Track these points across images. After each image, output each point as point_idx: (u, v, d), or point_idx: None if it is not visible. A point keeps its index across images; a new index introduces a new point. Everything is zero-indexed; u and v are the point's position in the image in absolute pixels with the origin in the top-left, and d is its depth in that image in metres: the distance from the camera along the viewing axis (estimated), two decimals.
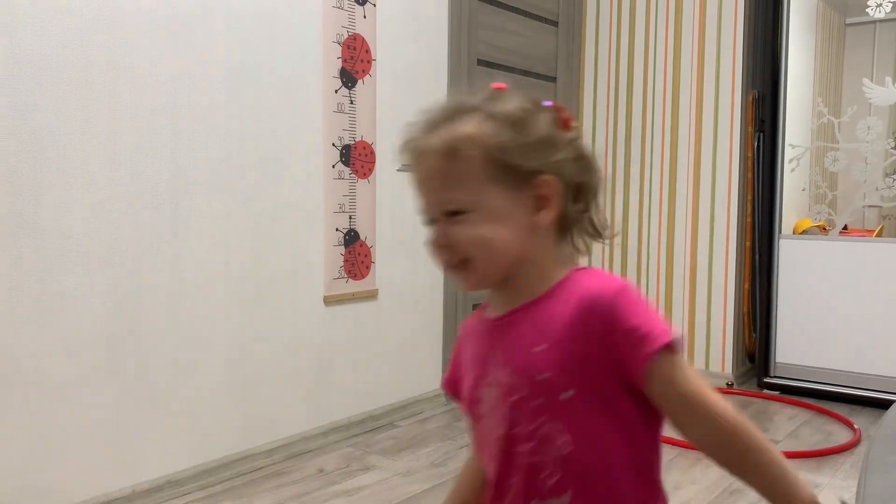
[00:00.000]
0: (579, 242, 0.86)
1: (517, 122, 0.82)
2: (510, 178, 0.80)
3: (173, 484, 2.05)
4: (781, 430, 2.73)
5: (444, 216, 0.84)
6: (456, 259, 0.83)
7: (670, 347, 0.77)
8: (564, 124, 0.89)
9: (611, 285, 0.79)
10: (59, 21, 1.76)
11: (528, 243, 0.81)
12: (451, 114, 0.82)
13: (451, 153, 0.79)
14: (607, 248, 3.63)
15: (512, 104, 0.84)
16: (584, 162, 0.89)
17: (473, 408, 0.86)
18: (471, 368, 0.87)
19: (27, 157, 1.73)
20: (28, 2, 1.71)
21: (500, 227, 0.80)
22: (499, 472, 0.82)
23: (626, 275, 3.59)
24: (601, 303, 0.77)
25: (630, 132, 3.56)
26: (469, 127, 0.80)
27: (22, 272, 1.73)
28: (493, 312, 0.86)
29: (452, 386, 0.94)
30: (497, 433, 0.81)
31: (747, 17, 3.27)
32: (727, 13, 3.28)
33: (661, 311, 3.49)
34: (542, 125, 0.85)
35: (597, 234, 0.86)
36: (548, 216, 0.82)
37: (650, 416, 0.88)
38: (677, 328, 0.91)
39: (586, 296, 0.78)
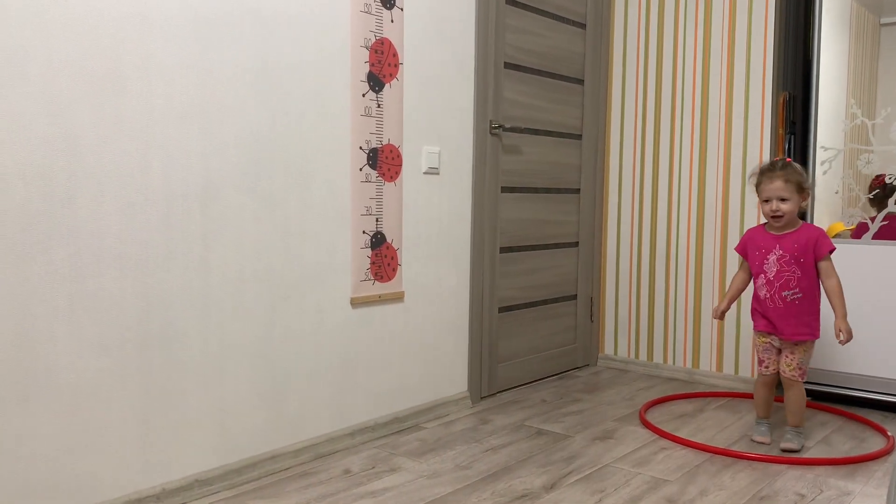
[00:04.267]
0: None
1: (802, 173, 2.48)
2: (800, 190, 2.45)
3: (202, 483, 2.08)
4: (813, 436, 2.69)
5: (778, 199, 2.44)
6: (779, 214, 2.44)
7: (832, 253, 2.45)
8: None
9: (818, 231, 2.48)
10: (92, 25, 1.80)
11: (796, 212, 2.47)
12: (781, 167, 2.48)
13: (785, 180, 2.45)
14: (636, 251, 3.61)
15: (799, 167, 2.47)
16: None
17: (762, 260, 2.51)
18: (759, 248, 2.51)
19: (61, 159, 1.77)
20: (60, 7, 1.75)
21: (794, 206, 2.45)
22: (772, 280, 2.49)
23: (654, 279, 3.57)
24: (816, 236, 2.46)
25: (658, 134, 3.53)
26: (794, 177, 2.46)
27: (56, 272, 1.76)
28: (776, 230, 2.50)
29: (743, 251, 2.59)
30: (774, 269, 2.49)
31: (778, 18, 3.23)
32: (757, 13, 3.24)
33: (691, 315, 3.46)
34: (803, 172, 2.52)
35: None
36: (805, 201, 2.50)
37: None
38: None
39: (810, 233, 2.47)
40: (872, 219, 3.12)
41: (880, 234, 3.14)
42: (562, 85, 3.44)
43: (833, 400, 3.10)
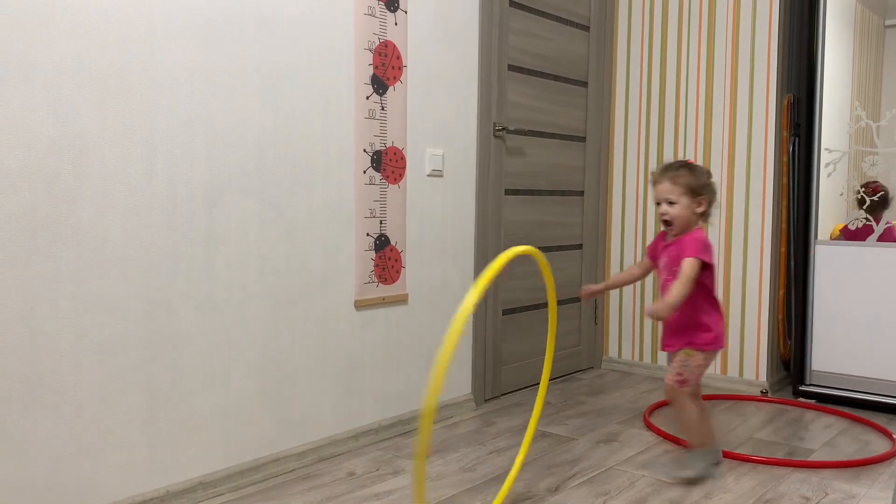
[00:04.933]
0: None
1: (699, 175, 2.24)
2: (693, 195, 2.20)
3: (206, 485, 2.08)
4: (818, 439, 2.68)
5: (666, 203, 2.22)
6: (667, 218, 2.22)
7: (699, 257, 2.14)
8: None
9: (695, 235, 2.20)
10: (97, 29, 1.81)
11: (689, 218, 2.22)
12: (673, 168, 2.24)
13: (673, 182, 2.22)
14: (640, 254, 3.60)
15: (699, 168, 2.27)
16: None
17: (657, 263, 2.30)
18: (659, 251, 2.29)
19: (67, 162, 1.77)
20: (66, 12, 1.75)
21: (686, 211, 2.21)
22: (663, 284, 2.24)
23: (658, 281, 3.56)
24: (692, 239, 2.19)
25: (662, 137, 3.53)
26: (683, 179, 2.21)
27: (61, 274, 1.77)
28: (668, 233, 2.27)
29: (651, 254, 2.36)
30: (664, 273, 2.25)
31: (782, 20, 3.23)
32: (761, 16, 3.24)
33: None
34: (704, 175, 2.27)
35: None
36: (700, 209, 2.22)
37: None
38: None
39: (688, 237, 2.20)
40: (875, 221, 3.11)
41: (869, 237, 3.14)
42: (565, 87, 3.44)
43: (838, 402, 3.09)
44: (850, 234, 3.19)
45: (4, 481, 1.71)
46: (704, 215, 2.23)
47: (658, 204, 2.23)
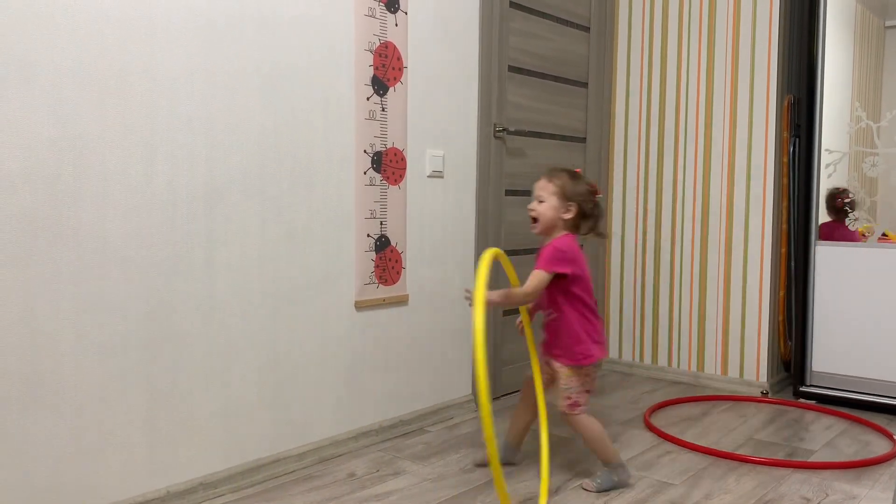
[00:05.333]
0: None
1: (577, 181, 2.18)
2: (564, 199, 2.15)
3: (206, 486, 2.08)
4: (818, 440, 2.68)
5: (537, 201, 2.16)
6: (534, 216, 2.19)
7: (546, 269, 2.09)
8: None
9: (557, 242, 2.14)
10: (98, 31, 1.81)
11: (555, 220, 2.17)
12: (557, 172, 2.19)
13: (549, 179, 2.18)
14: (640, 255, 3.60)
15: (581, 180, 2.19)
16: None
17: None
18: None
19: (67, 163, 1.77)
20: (67, 13, 1.75)
21: (553, 212, 2.16)
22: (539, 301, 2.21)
23: (658, 282, 3.56)
24: (552, 246, 2.12)
25: (662, 137, 3.53)
26: (558, 180, 2.17)
27: (61, 275, 1.77)
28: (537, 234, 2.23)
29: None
30: None
31: (782, 21, 3.23)
32: (762, 17, 3.24)
33: (696, 318, 3.45)
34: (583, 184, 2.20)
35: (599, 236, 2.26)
36: (568, 215, 2.16)
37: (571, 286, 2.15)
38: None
39: (552, 243, 2.14)
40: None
41: (826, 236, 3.20)
42: (566, 88, 3.44)
43: (838, 403, 3.09)
44: (825, 229, 3.21)
45: (5, 482, 1.71)
46: (573, 225, 2.17)
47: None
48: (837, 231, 3.22)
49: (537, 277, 2.08)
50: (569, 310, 2.15)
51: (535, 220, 2.17)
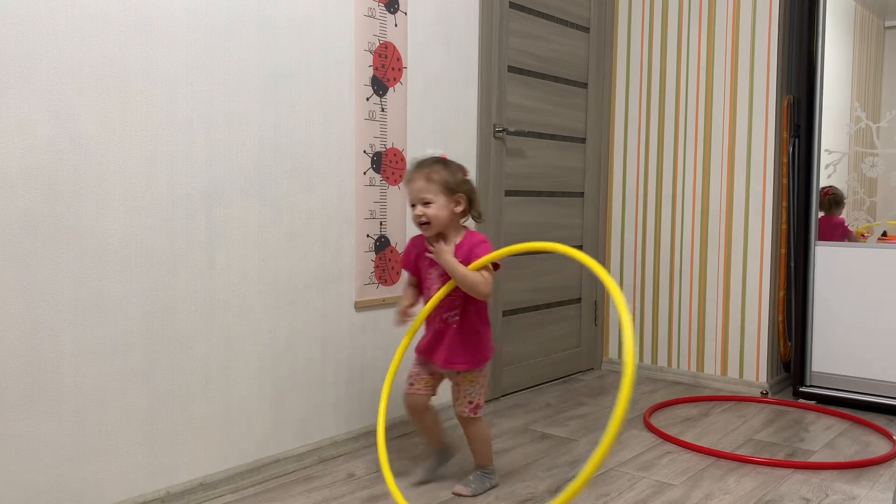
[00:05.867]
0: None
1: (454, 172, 2.04)
2: (449, 193, 2.01)
3: (206, 486, 2.08)
4: (818, 440, 2.68)
5: (422, 203, 2.01)
6: (424, 220, 2.02)
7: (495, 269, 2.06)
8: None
9: (481, 238, 2.06)
10: (98, 31, 1.81)
11: (448, 219, 2.04)
12: (427, 164, 2.03)
13: (428, 179, 2.01)
14: (640, 255, 3.60)
15: (455, 164, 2.05)
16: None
17: (425, 276, 2.12)
18: (423, 261, 2.10)
19: (67, 164, 1.77)
20: (67, 14, 1.75)
21: (444, 211, 2.02)
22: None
23: (658, 282, 3.56)
24: (479, 244, 2.03)
25: (662, 138, 3.53)
26: (437, 175, 2.02)
27: (61, 276, 1.77)
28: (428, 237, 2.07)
29: (411, 264, 2.17)
30: (436, 286, 2.06)
31: (782, 21, 3.23)
32: (761, 17, 3.24)
33: (695, 319, 3.45)
34: (460, 171, 2.07)
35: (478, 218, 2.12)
36: (459, 209, 2.04)
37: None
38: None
39: (473, 241, 2.04)
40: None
41: (824, 235, 3.23)
42: (565, 88, 3.44)
43: (838, 403, 3.09)
44: (824, 226, 3.23)
45: (5, 482, 1.70)
46: (463, 215, 2.07)
47: (413, 206, 2.04)
48: (826, 222, 3.25)
49: (491, 276, 2.03)
50: (475, 311, 2.09)
51: (425, 224, 2.02)
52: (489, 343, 2.14)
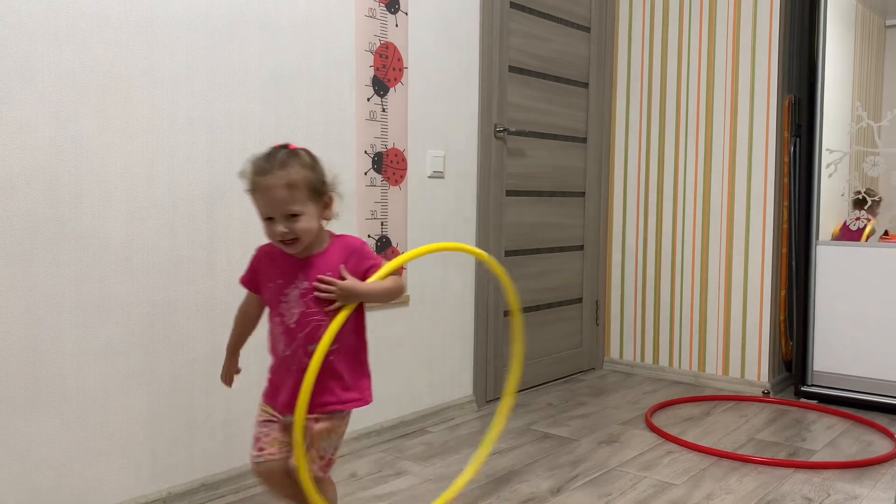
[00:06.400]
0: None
1: (315, 167, 1.56)
2: (317, 196, 1.53)
3: (208, 487, 2.08)
4: (820, 439, 2.68)
5: (286, 217, 1.49)
6: (291, 237, 1.51)
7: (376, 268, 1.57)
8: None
9: (359, 241, 1.62)
10: (99, 33, 1.81)
11: (318, 227, 1.55)
12: (280, 164, 1.50)
13: (290, 187, 1.49)
14: (641, 255, 3.60)
15: (305, 154, 1.56)
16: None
17: (279, 297, 1.57)
18: (277, 278, 1.58)
19: (68, 165, 1.77)
20: (68, 14, 1.75)
21: (314, 221, 1.53)
22: (294, 329, 1.54)
23: (660, 282, 3.56)
24: (359, 249, 1.59)
25: (663, 137, 3.53)
26: (297, 175, 1.50)
27: (62, 277, 1.77)
28: (295, 254, 1.55)
29: (252, 281, 1.66)
30: (297, 310, 1.54)
31: (782, 21, 3.23)
32: (762, 16, 3.24)
33: (697, 318, 3.45)
34: (320, 165, 1.58)
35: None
36: (329, 213, 1.57)
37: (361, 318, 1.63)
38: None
39: (349, 246, 1.59)
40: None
41: (846, 236, 3.20)
42: (566, 88, 3.44)
43: (840, 403, 3.09)
44: (849, 234, 3.20)
45: (7, 483, 1.71)
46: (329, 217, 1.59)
47: (269, 220, 1.50)
48: (845, 226, 3.24)
49: (398, 280, 1.61)
50: (357, 336, 1.63)
51: (293, 241, 1.52)
52: (368, 378, 1.65)
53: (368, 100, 2.47)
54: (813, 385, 3.19)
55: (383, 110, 2.53)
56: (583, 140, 3.56)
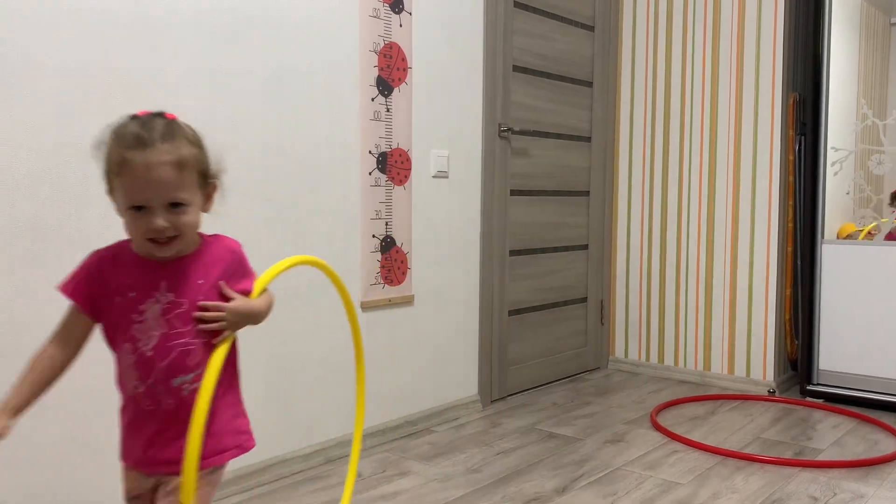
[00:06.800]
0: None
1: (202, 145, 1.20)
2: (203, 183, 1.19)
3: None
4: (825, 438, 2.67)
5: (166, 207, 1.13)
6: (171, 234, 1.15)
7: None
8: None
9: (236, 243, 1.31)
10: (102, 31, 1.81)
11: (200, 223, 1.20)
12: (163, 135, 1.14)
13: (180, 166, 1.13)
14: (646, 254, 3.60)
15: (190, 130, 1.21)
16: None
17: (131, 315, 1.19)
18: (128, 289, 1.20)
19: (72, 166, 1.78)
20: (71, 12, 1.76)
21: (199, 214, 1.19)
22: (152, 357, 1.19)
23: (664, 281, 3.56)
24: (237, 253, 1.29)
25: (668, 136, 3.53)
26: (187, 151, 1.15)
27: None
28: (161, 257, 1.19)
29: (84, 294, 1.23)
30: (157, 332, 1.18)
31: (787, 18, 3.22)
32: (766, 14, 3.23)
33: (702, 317, 3.45)
34: (206, 143, 1.22)
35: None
36: (210, 205, 1.24)
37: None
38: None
39: (227, 249, 1.27)
40: None
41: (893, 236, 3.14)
42: (570, 87, 3.44)
43: (845, 402, 3.08)
44: (892, 237, 3.17)
45: (12, 484, 1.71)
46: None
47: (139, 208, 1.15)
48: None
49: (272, 297, 1.35)
50: (233, 365, 1.33)
51: (171, 241, 1.17)
52: (245, 413, 1.35)
53: (373, 100, 2.47)
54: (819, 384, 3.18)
55: (387, 110, 2.53)
56: (587, 139, 3.56)
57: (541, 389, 3.32)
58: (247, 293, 1.26)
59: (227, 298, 1.22)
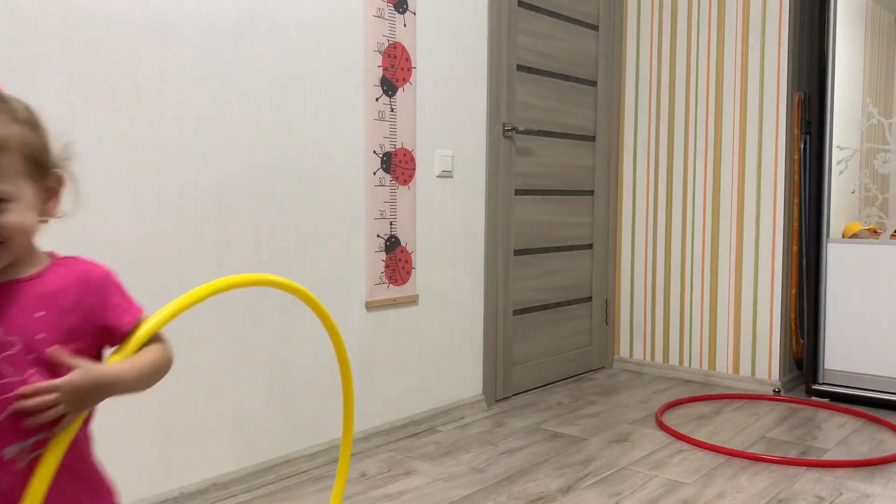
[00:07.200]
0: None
1: (35, 125, 0.94)
2: (38, 174, 0.93)
3: (219, 486, 2.09)
4: (831, 438, 2.67)
5: None
6: None
7: (141, 320, 0.99)
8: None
9: (101, 269, 0.99)
10: (109, 33, 1.82)
11: (37, 228, 0.93)
12: None
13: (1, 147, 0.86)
14: (650, 253, 3.59)
15: (21, 105, 0.94)
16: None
17: None
18: None
19: (77, 166, 1.78)
20: (80, 14, 1.76)
21: (33, 215, 0.91)
22: None
23: (669, 280, 3.55)
24: (98, 281, 0.97)
25: (673, 135, 3.52)
26: (6, 129, 0.88)
27: None
28: None
29: None
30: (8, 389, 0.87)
31: (792, 17, 3.21)
32: (772, 13, 3.22)
33: (707, 317, 3.44)
34: (43, 124, 0.95)
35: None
36: (56, 206, 0.98)
37: None
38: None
39: (84, 275, 0.96)
40: None
41: None
42: (575, 87, 3.43)
43: (851, 401, 3.07)
44: None
45: None
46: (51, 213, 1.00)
47: None
48: None
49: (166, 346, 1.10)
50: (84, 428, 1.08)
51: None
52: (108, 483, 1.17)
53: (377, 100, 2.47)
54: (824, 383, 3.18)
55: (392, 110, 2.53)
56: (591, 138, 3.56)
57: (545, 389, 3.32)
58: (121, 334, 0.98)
59: (65, 369, 0.89)
